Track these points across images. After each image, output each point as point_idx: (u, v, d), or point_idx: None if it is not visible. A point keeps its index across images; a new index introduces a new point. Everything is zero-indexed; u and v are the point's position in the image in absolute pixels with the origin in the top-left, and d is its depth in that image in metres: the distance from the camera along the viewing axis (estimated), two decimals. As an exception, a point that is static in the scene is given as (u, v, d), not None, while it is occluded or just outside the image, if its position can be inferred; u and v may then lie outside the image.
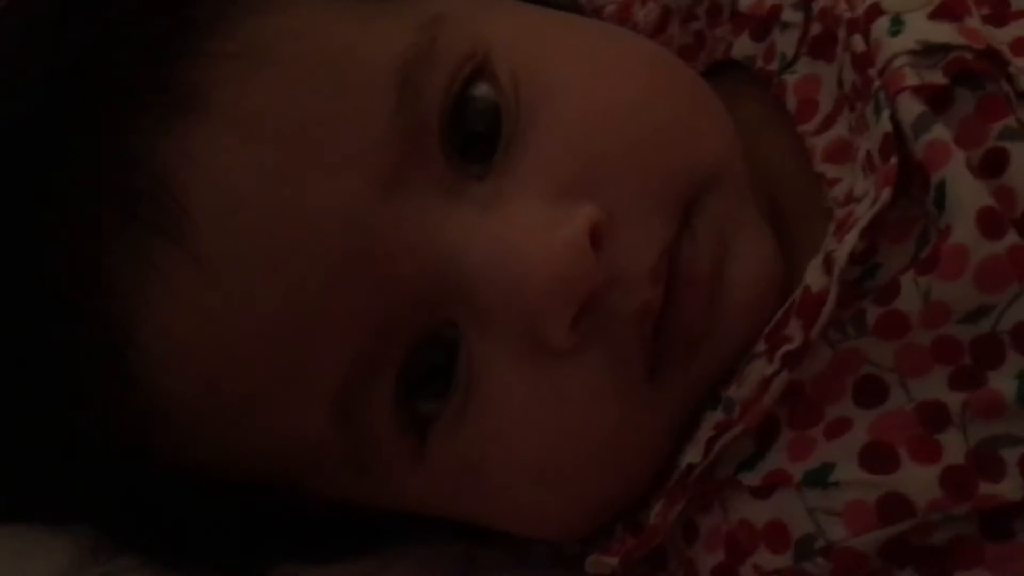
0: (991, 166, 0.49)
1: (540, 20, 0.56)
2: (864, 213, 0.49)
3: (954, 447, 0.47)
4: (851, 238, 0.49)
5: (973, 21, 0.52)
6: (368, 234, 0.48)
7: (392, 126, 0.49)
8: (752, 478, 0.50)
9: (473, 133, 0.51)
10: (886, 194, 0.49)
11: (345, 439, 0.51)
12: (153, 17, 0.51)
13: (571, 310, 0.48)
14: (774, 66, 0.57)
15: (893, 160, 0.49)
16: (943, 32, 0.51)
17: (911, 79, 0.50)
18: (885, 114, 0.50)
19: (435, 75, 0.50)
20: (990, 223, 0.48)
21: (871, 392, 0.49)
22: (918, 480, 0.47)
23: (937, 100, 0.50)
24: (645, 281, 0.50)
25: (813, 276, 0.50)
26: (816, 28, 0.55)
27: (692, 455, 0.50)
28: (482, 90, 0.51)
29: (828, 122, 0.54)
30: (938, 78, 0.50)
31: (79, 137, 0.49)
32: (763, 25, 0.58)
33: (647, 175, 0.51)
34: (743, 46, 0.58)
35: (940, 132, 0.49)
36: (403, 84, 0.49)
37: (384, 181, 0.49)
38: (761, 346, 0.51)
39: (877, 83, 0.51)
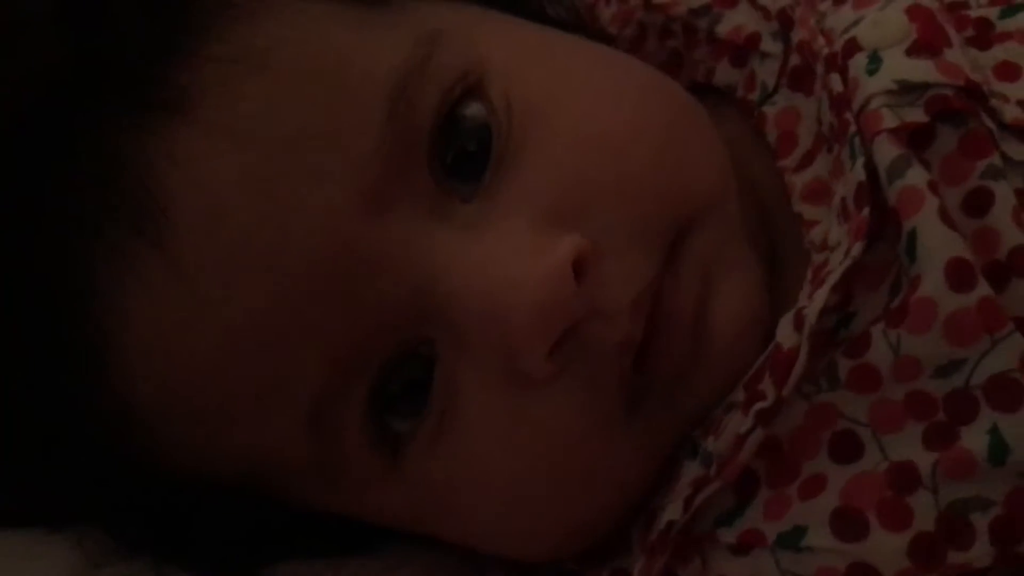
0: (974, 206, 0.48)
1: (539, 41, 0.55)
2: (836, 267, 0.49)
3: (924, 511, 0.47)
4: (821, 295, 0.48)
5: (953, 53, 0.51)
6: (350, 248, 0.48)
7: (381, 141, 0.48)
8: (729, 535, 0.50)
9: (463, 153, 0.50)
10: (857, 248, 0.48)
11: (317, 451, 0.50)
12: (147, 17, 0.50)
13: (549, 340, 0.48)
14: (755, 96, 0.56)
15: (865, 211, 0.48)
16: (921, 70, 0.50)
17: (888, 121, 0.49)
18: (859, 162, 0.49)
19: (428, 92, 0.50)
20: (959, 275, 0.47)
21: (846, 448, 0.49)
22: (887, 549, 0.47)
23: (918, 137, 0.49)
24: (626, 314, 0.49)
25: (784, 333, 0.49)
26: (795, 59, 0.54)
27: (671, 512, 0.50)
28: (474, 110, 0.50)
29: (807, 160, 0.53)
30: (919, 116, 0.49)
31: (66, 134, 0.48)
32: (741, 52, 0.57)
33: (637, 205, 0.50)
34: (724, 73, 0.57)
35: (914, 178, 0.48)
36: (396, 99, 0.49)
37: (369, 196, 0.48)
38: (740, 394, 0.50)
39: (853, 128, 0.50)
